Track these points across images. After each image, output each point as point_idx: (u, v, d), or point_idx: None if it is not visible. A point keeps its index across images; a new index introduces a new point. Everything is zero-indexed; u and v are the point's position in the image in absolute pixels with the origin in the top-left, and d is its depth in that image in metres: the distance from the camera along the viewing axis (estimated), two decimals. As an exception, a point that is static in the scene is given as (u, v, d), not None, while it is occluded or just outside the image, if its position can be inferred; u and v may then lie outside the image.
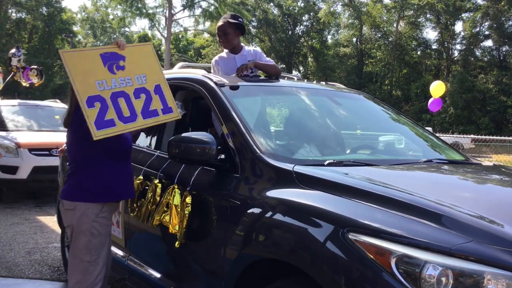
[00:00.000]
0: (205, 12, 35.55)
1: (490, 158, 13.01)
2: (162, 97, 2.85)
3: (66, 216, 2.88)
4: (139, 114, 2.71)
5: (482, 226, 1.77)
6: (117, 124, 2.61)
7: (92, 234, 2.80)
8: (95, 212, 2.80)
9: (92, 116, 2.54)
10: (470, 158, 3.37)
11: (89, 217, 2.78)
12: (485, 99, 37.20)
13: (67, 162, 2.99)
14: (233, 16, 3.81)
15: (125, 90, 2.70)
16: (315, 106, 3.40)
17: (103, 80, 2.64)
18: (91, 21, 61.37)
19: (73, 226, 2.82)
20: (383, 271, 1.71)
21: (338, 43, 49.12)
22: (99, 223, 2.82)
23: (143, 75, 2.81)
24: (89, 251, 2.79)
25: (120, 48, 2.80)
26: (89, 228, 2.79)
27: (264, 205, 2.25)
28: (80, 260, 2.79)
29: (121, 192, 2.94)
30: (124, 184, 2.93)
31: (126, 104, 2.67)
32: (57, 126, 9.49)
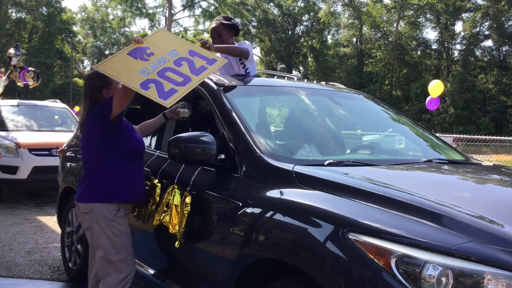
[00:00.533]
0: (205, 12, 35.58)
1: (487, 157, 13.01)
2: (200, 55, 3.05)
3: (83, 219, 2.90)
4: (191, 75, 2.88)
5: (482, 226, 1.77)
6: (178, 89, 2.74)
7: (114, 234, 2.83)
8: (112, 213, 2.83)
9: (154, 94, 2.67)
10: (470, 158, 3.37)
11: (107, 217, 2.82)
12: (485, 99, 37.19)
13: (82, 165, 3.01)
14: (226, 17, 3.81)
15: (166, 65, 2.88)
16: (315, 106, 3.40)
17: (143, 68, 2.81)
18: (91, 21, 61.34)
19: (92, 228, 2.83)
20: (383, 271, 1.71)
21: (338, 43, 49.11)
22: (118, 223, 2.86)
23: (172, 50, 3.01)
24: (117, 251, 2.83)
25: (140, 43, 2.96)
26: (110, 229, 2.82)
27: (264, 205, 2.24)
28: (110, 261, 2.82)
29: (135, 193, 2.95)
30: (138, 186, 2.95)
31: (174, 74, 2.85)
32: (57, 126, 9.50)
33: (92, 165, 2.89)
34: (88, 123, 2.88)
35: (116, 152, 2.85)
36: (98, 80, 2.89)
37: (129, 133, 2.94)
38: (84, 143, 2.96)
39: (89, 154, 2.92)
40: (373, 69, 45.86)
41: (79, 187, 2.96)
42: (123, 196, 2.89)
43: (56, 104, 10.36)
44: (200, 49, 3.13)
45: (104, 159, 2.85)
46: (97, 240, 2.85)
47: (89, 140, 2.91)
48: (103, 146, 2.84)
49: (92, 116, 2.85)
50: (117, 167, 2.85)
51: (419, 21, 44.51)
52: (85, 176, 2.92)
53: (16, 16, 49.14)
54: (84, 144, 2.97)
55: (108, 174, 2.85)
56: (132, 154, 2.92)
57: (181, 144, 2.55)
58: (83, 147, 2.98)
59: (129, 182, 2.90)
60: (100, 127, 2.83)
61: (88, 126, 2.89)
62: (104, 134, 2.83)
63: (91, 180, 2.87)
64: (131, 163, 2.91)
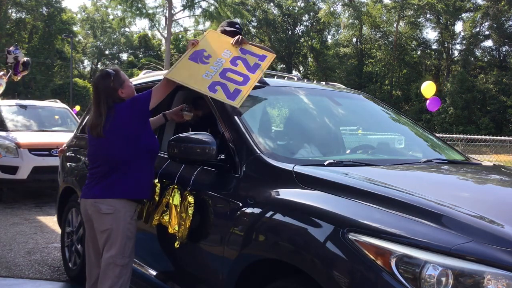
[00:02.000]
0: (205, 12, 35.52)
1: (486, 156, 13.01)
2: (250, 52, 3.26)
3: (103, 221, 2.82)
4: (248, 73, 3.07)
5: (482, 226, 1.77)
6: (241, 89, 2.92)
7: (127, 236, 2.82)
8: (130, 214, 2.83)
9: (222, 96, 2.84)
10: (470, 158, 3.37)
11: (126, 220, 2.81)
12: (485, 99, 37.18)
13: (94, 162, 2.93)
14: (230, 23, 3.82)
15: (224, 66, 3.08)
16: (315, 106, 3.40)
17: (206, 71, 3.01)
18: (91, 21, 61.35)
19: (111, 230, 2.80)
20: (383, 271, 1.71)
21: (338, 43, 49.10)
22: (132, 225, 2.86)
23: (226, 50, 3.22)
24: (123, 255, 2.81)
25: (196, 44, 3.20)
26: (125, 231, 2.81)
27: (264, 205, 2.24)
28: (115, 265, 2.80)
29: (150, 191, 2.94)
30: (152, 184, 2.95)
31: (234, 74, 3.04)
32: (57, 126, 9.51)
33: (117, 162, 2.82)
34: (118, 123, 2.82)
35: (144, 150, 2.85)
36: (112, 81, 2.86)
37: (152, 131, 2.97)
38: (108, 140, 2.84)
39: (115, 150, 2.83)
40: (373, 69, 45.85)
41: (95, 185, 2.86)
42: (143, 193, 2.88)
43: (56, 104, 10.36)
44: (249, 46, 3.30)
45: (129, 156, 2.82)
46: (113, 243, 2.80)
47: (121, 139, 2.83)
48: (134, 143, 2.82)
49: (123, 116, 2.82)
50: (143, 165, 2.85)
51: (419, 21, 44.51)
52: (105, 174, 2.84)
53: (16, 16, 49.16)
54: (107, 141, 2.85)
55: (133, 171, 2.82)
56: (152, 152, 2.93)
57: (181, 144, 2.55)
58: (109, 147, 2.85)
59: (148, 179, 2.90)
60: (136, 125, 2.83)
61: (119, 126, 2.82)
62: (138, 132, 2.83)
63: (116, 176, 2.81)
64: (150, 161, 2.92)
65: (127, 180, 2.82)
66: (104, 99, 2.85)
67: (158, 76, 3.83)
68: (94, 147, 2.95)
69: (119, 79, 2.89)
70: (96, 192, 2.85)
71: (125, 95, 2.90)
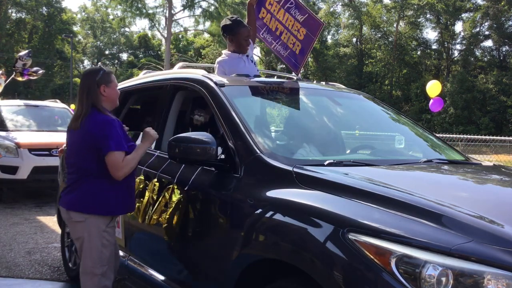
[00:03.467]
0: (205, 12, 35.54)
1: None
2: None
3: (75, 228, 2.80)
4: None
5: (482, 226, 1.77)
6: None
7: (104, 245, 2.77)
8: (105, 222, 2.78)
9: None
10: (470, 158, 3.37)
11: (99, 228, 2.76)
12: (485, 99, 37.17)
13: (70, 167, 2.87)
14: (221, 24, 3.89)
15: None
16: (315, 106, 3.40)
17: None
18: (91, 21, 61.37)
19: (83, 238, 2.76)
20: (383, 271, 1.71)
21: (338, 43, 49.07)
22: (108, 233, 2.80)
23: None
24: (101, 263, 2.77)
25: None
26: (101, 239, 2.76)
27: (264, 205, 2.24)
28: (93, 274, 2.76)
29: (129, 205, 2.91)
30: (132, 196, 2.91)
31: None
32: (57, 126, 9.50)
33: (87, 171, 2.75)
34: (85, 128, 2.73)
35: None
36: (99, 76, 2.82)
37: (126, 141, 2.83)
38: (78, 146, 2.79)
39: (83, 159, 2.76)
40: (373, 69, 45.85)
41: (68, 193, 2.81)
42: (119, 209, 2.83)
43: (56, 104, 10.35)
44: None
45: (101, 167, 2.72)
46: (86, 251, 2.75)
47: (85, 146, 2.75)
48: (99, 154, 2.71)
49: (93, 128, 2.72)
50: (113, 179, 2.74)
51: (419, 21, 44.50)
52: (77, 182, 2.77)
53: (16, 16, 49.15)
54: (77, 148, 2.80)
55: (105, 184, 2.74)
56: None
57: (181, 144, 2.54)
58: (77, 151, 2.80)
59: (125, 193, 2.83)
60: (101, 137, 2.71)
61: (84, 132, 2.74)
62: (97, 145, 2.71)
63: (86, 187, 2.74)
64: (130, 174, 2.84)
65: (96, 195, 2.74)
66: (87, 90, 2.79)
67: (158, 76, 3.83)
68: (68, 151, 2.91)
69: (107, 77, 2.84)
70: (68, 202, 2.79)
71: (106, 95, 2.82)
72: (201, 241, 2.61)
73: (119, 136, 2.74)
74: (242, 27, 3.76)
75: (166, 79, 3.58)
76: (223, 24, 3.83)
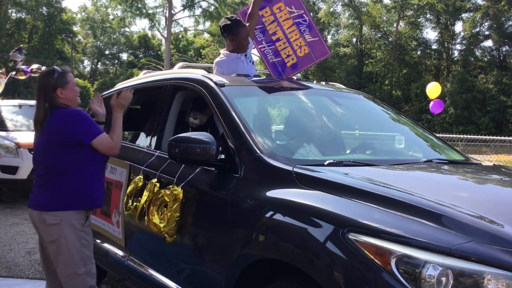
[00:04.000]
0: (205, 12, 35.53)
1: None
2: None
3: (49, 232, 2.71)
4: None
5: (482, 226, 1.78)
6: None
7: (82, 245, 2.73)
8: (81, 222, 2.74)
9: None
10: (470, 158, 3.37)
11: (75, 228, 2.71)
12: (485, 99, 37.15)
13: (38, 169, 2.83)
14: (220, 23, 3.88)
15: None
16: (315, 106, 3.40)
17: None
18: (91, 21, 61.34)
19: (59, 241, 2.68)
20: (383, 271, 1.72)
21: (338, 43, 49.02)
22: (86, 233, 2.76)
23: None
24: (84, 262, 2.72)
25: None
26: (79, 240, 2.71)
27: (264, 205, 2.24)
28: (76, 274, 2.70)
29: (101, 199, 2.87)
30: (101, 192, 2.88)
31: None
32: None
33: (56, 170, 2.72)
34: (52, 129, 2.72)
35: (87, 155, 2.74)
36: (54, 78, 2.78)
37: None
38: (46, 145, 2.75)
39: (52, 157, 2.72)
40: (373, 69, 45.83)
41: (39, 195, 2.75)
42: (93, 202, 2.79)
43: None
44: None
45: (70, 163, 2.70)
46: (65, 253, 2.69)
47: (55, 144, 2.72)
48: (70, 149, 2.70)
49: (60, 122, 2.70)
50: (86, 172, 2.74)
51: (419, 21, 44.47)
52: (48, 182, 2.73)
53: (16, 16, 49.11)
54: (45, 147, 2.76)
55: (77, 179, 2.71)
56: (100, 158, 2.82)
57: (181, 144, 2.54)
58: (44, 150, 2.76)
59: (96, 187, 2.81)
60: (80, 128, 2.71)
61: (51, 131, 2.72)
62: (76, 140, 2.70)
63: (58, 185, 2.71)
64: (98, 169, 2.83)
65: (69, 191, 2.70)
66: (43, 95, 2.77)
67: (158, 76, 3.83)
68: (35, 151, 2.87)
69: (62, 79, 2.79)
70: (40, 203, 2.74)
71: (64, 97, 2.78)
72: (201, 241, 2.61)
73: (93, 121, 2.81)
74: (241, 27, 3.76)
75: (166, 79, 3.58)
76: (222, 24, 3.82)
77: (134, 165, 3.29)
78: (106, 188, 3.54)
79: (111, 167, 3.53)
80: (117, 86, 4.61)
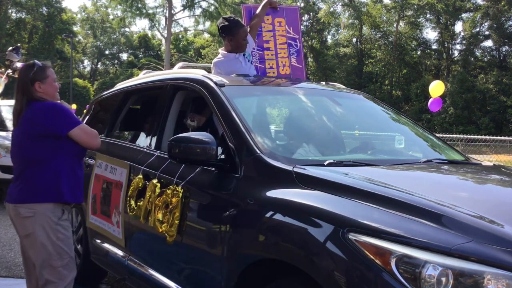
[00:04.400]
0: (205, 12, 35.54)
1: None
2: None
3: (24, 225, 2.70)
4: None
5: (482, 226, 1.77)
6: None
7: (59, 238, 2.71)
8: (57, 215, 2.72)
9: None
10: (470, 158, 3.37)
11: (51, 221, 2.69)
12: (485, 99, 37.16)
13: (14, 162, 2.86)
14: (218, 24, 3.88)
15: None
16: (315, 106, 3.40)
17: None
18: (91, 21, 61.35)
19: (34, 234, 2.66)
20: (383, 271, 1.71)
21: (338, 43, 49.06)
22: (62, 226, 2.74)
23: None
24: (60, 256, 2.70)
25: None
26: (55, 233, 2.69)
27: (264, 205, 2.24)
28: (52, 267, 2.68)
29: (79, 195, 2.86)
30: (80, 188, 2.86)
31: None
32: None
33: (31, 161, 2.72)
34: (28, 120, 2.74)
35: (63, 147, 2.74)
36: (33, 72, 2.79)
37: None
38: (21, 138, 2.78)
39: (27, 149, 2.74)
40: (373, 69, 45.85)
41: (14, 187, 2.77)
42: (64, 196, 2.75)
43: (56, 104, 10.33)
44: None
45: (44, 155, 2.70)
46: (40, 246, 2.67)
47: (30, 136, 2.74)
48: (44, 141, 2.70)
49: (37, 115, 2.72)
50: (62, 165, 2.73)
51: (419, 21, 44.49)
52: (22, 174, 2.74)
53: (16, 16, 49.14)
54: (21, 139, 2.79)
55: (52, 171, 2.70)
56: (77, 151, 2.82)
57: (181, 144, 2.54)
58: (20, 143, 2.80)
59: (74, 181, 2.79)
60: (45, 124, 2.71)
61: (26, 122, 2.75)
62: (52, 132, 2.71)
63: (33, 177, 2.71)
64: (75, 162, 2.82)
65: (44, 183, 2.69)
66: (21, 88, 2.80)
67: (158, 76, 3.83)
68: (12, 144, 2.90)
69: (42, 73, 2.81)
70: (14, 196, 2.74)
71: (42, 91, 2.81)
72: (201, 241, 2.61)
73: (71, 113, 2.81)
74: (240, 27, 3.75)
75: (166, 79, 3.58)
76: (220, 25, 3.80)
77: (134, 165, 3.29)
78: (106, 188, 3.55)
79: (111, 167, 3.53)
80: (117, 86, 4.61)
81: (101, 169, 3.68)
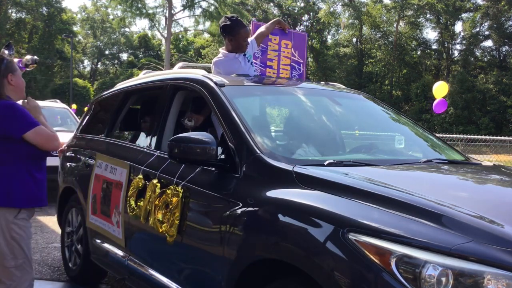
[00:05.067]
0: (205, 12, 35.55)
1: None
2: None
3: None
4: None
5: (482, 226, 1.77)
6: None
7: (12, 237, 2.66)
8: (13, 214, 2.67)
9: None
10: (470, 158, 3.37)
11: (6, 220, 2.65)
12: (485, 99, 37.18)
13: None
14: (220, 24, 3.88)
15: None
16: (315, 106, 3.40)
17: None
18: (91, 21, 61.36)
19: None
20: (383, 271, 1.71)
21: (338, 43, 49.08)
22: (18, 226, 2.69)
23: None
24: (14, 256, 2.65)
25: None
26: (9, 232, 2.65)
27: (264, 205, 2.24)
28: (3, 266, 2.64)
29: (37, 199, 2.79)
30: (39, 190, 2.79)
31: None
32: (57, 126, 9.50)
33: None
34: None
35: (22, 150, 2.68)
36: (3, 65, 2.74)
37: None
38: None
39: None
40: (373, 69, 45.86)
41: None
42: (22, 201, 2.69)
43: (56, 104, 10.35)
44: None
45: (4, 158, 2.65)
46: None
47: None
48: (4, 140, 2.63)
49: None
50: (10, 166, 2.67)
51: (419, 21, 44.51)
52: None
53: (16, 16, 49.16)
54: None
55: (4, 174, 2.65)
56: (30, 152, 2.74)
57: (181, 144, 2.54)
58: None
59: (30, 185, 2.72)
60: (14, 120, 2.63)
61: None
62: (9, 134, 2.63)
63: None
64: (32, 166, 2.75)
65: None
66: None
67: (158, 76, 3.83)
68: None
69: (12, 66, 2.78)
70: None
71: (14, 84, 2.76)
72: (201, 241, 2.61)
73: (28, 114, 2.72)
74: (242, 28, 3.75)
75: (166, 79, 3.58)
76: (222, 24, 3.81)
77: (134, 165, 3.29)
78: (106, 188, 3.55)
79: (111, 167, 3.53)
80: (117, 86, 4.61)
81: (101, 169, 3.68)
